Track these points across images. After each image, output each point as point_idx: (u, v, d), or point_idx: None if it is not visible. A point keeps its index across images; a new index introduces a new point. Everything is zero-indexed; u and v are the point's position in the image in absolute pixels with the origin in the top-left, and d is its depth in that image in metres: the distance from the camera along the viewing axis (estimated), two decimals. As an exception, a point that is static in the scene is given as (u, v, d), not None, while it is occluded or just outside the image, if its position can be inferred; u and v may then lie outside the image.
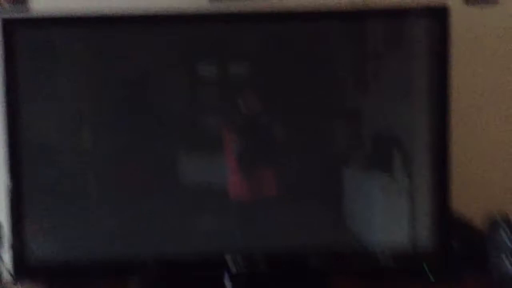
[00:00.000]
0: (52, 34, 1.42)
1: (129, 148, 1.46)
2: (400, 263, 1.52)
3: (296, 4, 1.50)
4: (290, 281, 1.57)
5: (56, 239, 1.44)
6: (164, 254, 1.46)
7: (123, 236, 1.46)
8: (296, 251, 1.49)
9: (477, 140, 1.85)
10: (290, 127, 1.51)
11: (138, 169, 1.46)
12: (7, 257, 1.48)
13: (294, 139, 1.51)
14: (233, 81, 1.51)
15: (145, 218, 1.46)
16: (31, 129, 1.40)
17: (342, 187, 1.51)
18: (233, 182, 1.48)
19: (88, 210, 1.45)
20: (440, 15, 1.45)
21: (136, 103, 1.45)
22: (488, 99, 1.79)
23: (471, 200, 1.80)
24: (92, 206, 1.45)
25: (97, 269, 1.45)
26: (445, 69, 1.48)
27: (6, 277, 1.54)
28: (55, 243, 1.44)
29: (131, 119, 1.45)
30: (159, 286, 1.57)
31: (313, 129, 1.51)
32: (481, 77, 1.78)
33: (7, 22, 1.38)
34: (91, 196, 1.46)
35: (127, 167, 1.46)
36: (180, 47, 1.47)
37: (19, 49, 1.37)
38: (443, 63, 1.48)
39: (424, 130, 1.52)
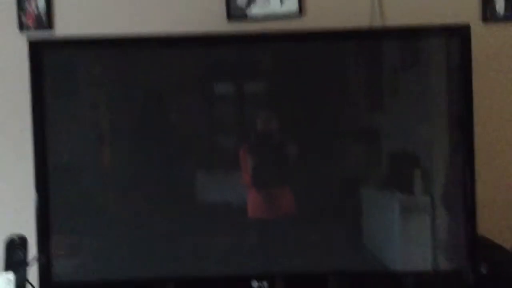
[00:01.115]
0: (75, 56, 1.47)
1: (148, 168, 1.49)
2: (422, 285, 1.48)
3: (313, 24, 1.52)
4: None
5: (79, 257, 1.47)
6: (185, 274, 1.47)
7: (144, 255, 1.47)
8: (315, 271, 1.48)
9: (501, 157, 1.81)
10: (308, 146, 1.51)
11: (158, 188, 1.48)
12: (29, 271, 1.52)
13: (312, 158, 1.51)
14: (250, 101, 1.53)
15: (165, 238, 1.48)
16: (56, 148, 1.45)
17: (361, 206, 1.49)
18: (251, 200, 1.48)
19: (110, 229, 1.48)
20: (462, 34, 1.44)
21: (154, 123, 1.48)
22: (509, 115, 1.76)
23: (498, 221, 1.76)
24: (113, 225, 1.48)
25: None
26: (467, 87, 1.46)
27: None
28: (78, 261, 1.47)
29: (150, 139, 1.48)
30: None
31: (331, 148, 1.51)
32: (500, 94, 1.74)
33: (34, 44, 1.43)
34: (113, 215, 1.49)
35: (146, 187, 1.49)
36: (198, 67, 1.50)
37: (45, 71, 1.43)
38: (465, 81, 1.46)
39: (445, 148, 1.50)
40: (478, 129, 1.49)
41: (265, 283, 1.44)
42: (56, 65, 1.45)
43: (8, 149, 1.79)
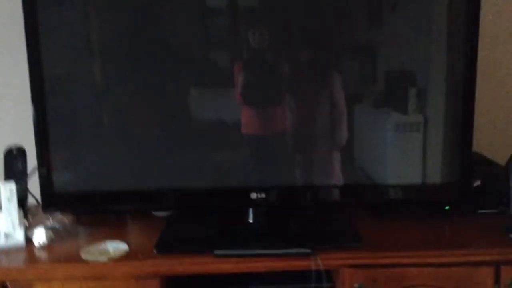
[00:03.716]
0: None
1: (142, 83, 1.46)
2: (413, 197, 1.52)
3: None
4: (304, 214, 1.61)
5: (78, 168, 1.49)
6: (184, 185, 1.49)
7: (142, 167, 1.48)
8: (309, 184, 1.51)
9: (500, 75, 1.81)
10: (301, 63, 1.49)
11: (153, 103, 1.48)
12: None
13: (305, 75, 1.50)
14: (244, 15, 1.49)
15: (161, 151, 1.49)
16: (49, 61, 1.42)
17: (355, 124, 1.50)
18: (245, 117, 1.48)
19: (107, 141, 1.48)
20: None
21: (146, 37, 1.45)
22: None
23: (493, 139, 1.78)
24: (110, 138, 1.48)
25: (119, 199, 1.49)
26: (469, 2, 1.42)
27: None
28: (77, 172, 1.49)
29: (143, 53, 1.45)
30: (182, 216, 1.62)
31: (325, 65, 1.49)
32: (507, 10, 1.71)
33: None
34: (109, 128, 1.49)
35: (141, 102, 1.48)
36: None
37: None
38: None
39: (443, 66, 1.48)
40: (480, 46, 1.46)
41: (263, 195, 1.47)
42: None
43: (4, 62, 1.77)
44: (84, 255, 1.37)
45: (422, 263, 1.37)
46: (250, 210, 1.51)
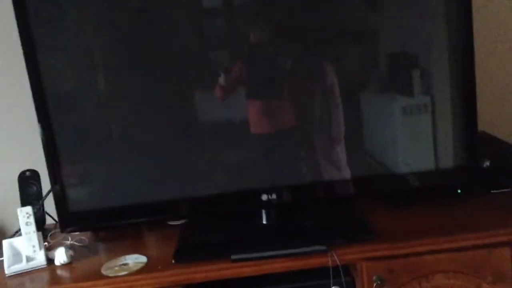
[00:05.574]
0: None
1: (146, 91, 1.47)
2: (425, 183, 1.52)
3: None
4: (317, 210, 1.62)
5: (91, 185, 1.51)
6: (196, 193, 1.50)
7: (152, 179, 1.49)
8: (320, 180, 1.52)
9: (501, 52, 1.79)
10: (303, 54, 1.48)
11: (158, 111, 1.48)
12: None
13: (307, 65, 1.49)
14: (240, 12, 1.49)
15: (171, 159, 1.50)
16: (51, 78, 1.42)
17: (361, 112, 1.50)
18: (251, 116, 1.48)
19: (114, 155, 1.49)
20: None
21: (145, 43, 1.45)
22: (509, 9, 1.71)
23: (500, 118, 1.77)
24: (117, 151, 1.50)
25: (133, 211, 1.50)
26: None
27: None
28: (91, 189, 1.51)
29: (143, 60, 1.45)
30: (196, 223, 1.64)
31: (328, 54, 1.49)
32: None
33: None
34: (116, 140, 1.51)
35: (146, 110, 1.49)
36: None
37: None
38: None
39: (444, 46, 1.47)
40: (477, 25, 1.45)
41: (274, 196, 1.48)
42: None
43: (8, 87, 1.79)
44: (104, 271, 1.40)
45: (438, 250, 1.37)
46: (263, 211, 1.53)
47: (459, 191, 1.56)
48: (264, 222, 1.53)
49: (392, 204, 1.59)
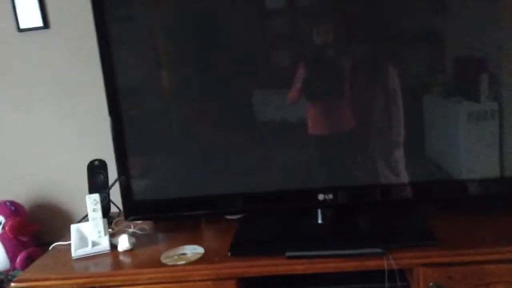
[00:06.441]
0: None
1: (208, 89, 1.52)
2: (489, 191, 1.47)
3: None
4: (375, 212, 1.61)
5: (154, 176, 1.58)
6: (254, 189, 1.53)
7: (212, 174, 1.54)
8: (377, 183, 1.51)
9: None
10: (368, 54, 1.48)
11: (219, 109, 1.53)
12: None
13: (369, 67, 1.48)
14: (303, 11, 1.50)
15: (230, 155, 1.54)
16: (122, 73, 1.50)
17: (425, 116, 1.47)
18: (311, 117, 1.50)
19: (177, 149, 1.55)
20: None
21: (209, 42, 1.49)
22: None
23: None
24: (179, 145, 1.56)
25: (193, 204, 1.56)
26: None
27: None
28: (154, 180, 1.58)
29: (208, 59, 1.50)
30: (252, 218, 1.67)
31: (392, 55, 1.48)
32: None
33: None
34: (178, 135, 1.57)
35: (208, 108, 1.53)
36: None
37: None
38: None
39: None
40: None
41: (330, 196, 1.48)
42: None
43: (82, 80, 1.89)
44: (164, 260, 1.45)
45: (499, 260, 1.32)
46: (319, 211, 1.53)
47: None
48: (320, 221, 1.54)
49: (455, 211, 1.55)
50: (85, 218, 1.64)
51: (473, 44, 1.45)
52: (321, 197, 1.48)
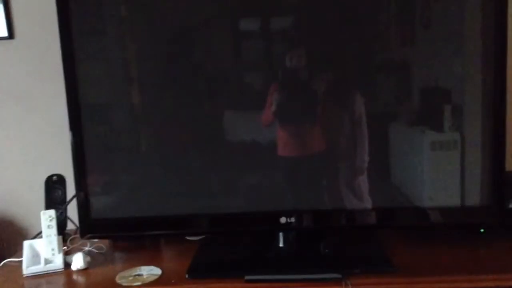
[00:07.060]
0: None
1: (177, 107, 1.51)
2: (450, 219, 1.49)
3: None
4: (336, 237, 1.60)
5: (115, 194, 1.54)
6: (216, 210, 1.52)
7: (176, 192, 1.52)
8: (342, 208, 1.51)
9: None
10: (336, 82, 1.49)
11: (187, 128, 1.51)
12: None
13: (338, 93, 1.50)
14: (277, 37, 1.50)
15: (196, 176, 1.52)
16: (87, 89, 1.47)
17: (390, 143, 1.49)
18: (280, 139, 1.50)
19: (142, 167, 1.53)
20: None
21: (181, 61, 1.49)
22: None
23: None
24: (145, 164, 1.53)
25: (154, 223, 1.52)
26: (502, 20, 1.41)
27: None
28: (114, 198, 1.54)
29: (178, 78, 1.49)
30: (213, 240, 1.65)
31: (360, 84, 1.49)
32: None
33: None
34: (144, 154, 1.54)
35: (176, 127, 1.52)
36: (225, 3, 1.49)
37: (72, 12, 1.45)
38: (500, 13, 1.41)
39: (477, 84, 1.46)
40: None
41: (293, 219, 1.47)
42: (83, 6, 1.46)
43: (44, 93, 1.85)
44: (118, 280, 1.41)
45: (456, 288, 1.33)
46: (280, 234, 1.52)
47: (482, 230, 1.52)
48: (281, 245, 1.53)
49: (417, 238, 1.56)
50: (39, 234, 1.58)
51: (438, 76, 1.48)
52: (283, 220, 1.47)
